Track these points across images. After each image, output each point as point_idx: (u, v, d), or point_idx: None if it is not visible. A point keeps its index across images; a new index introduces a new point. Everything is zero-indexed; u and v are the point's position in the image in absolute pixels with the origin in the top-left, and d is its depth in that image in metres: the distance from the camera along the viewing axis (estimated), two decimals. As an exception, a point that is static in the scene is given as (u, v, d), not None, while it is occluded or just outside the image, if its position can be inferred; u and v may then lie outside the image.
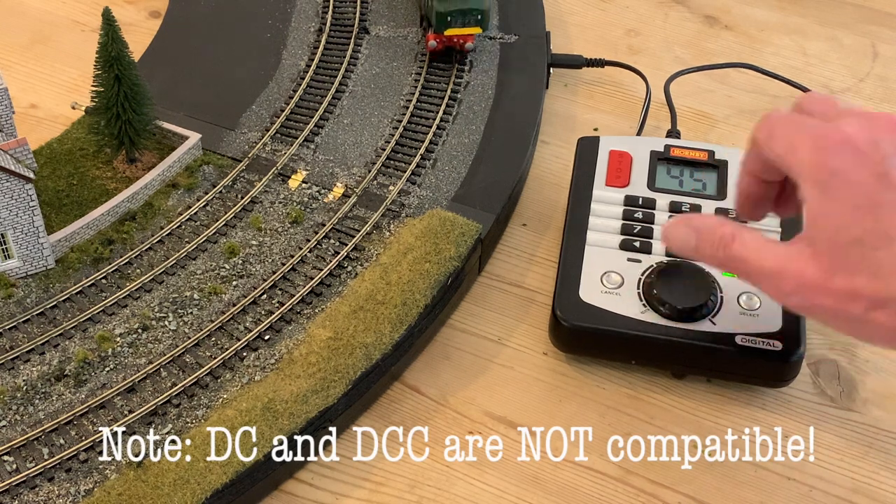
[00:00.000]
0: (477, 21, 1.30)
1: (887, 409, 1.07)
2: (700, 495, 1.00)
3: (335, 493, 0.99)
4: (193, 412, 0.99)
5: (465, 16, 1.30)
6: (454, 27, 1.31)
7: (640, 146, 1.20)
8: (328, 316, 1.07)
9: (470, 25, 1.31)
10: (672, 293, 1.05)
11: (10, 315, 1.06)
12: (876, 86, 1.44)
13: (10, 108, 1.07)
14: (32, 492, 0.93)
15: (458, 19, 1.30)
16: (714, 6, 1.56)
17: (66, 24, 1.49)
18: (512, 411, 1.06)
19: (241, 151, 1.25)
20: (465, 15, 1.30)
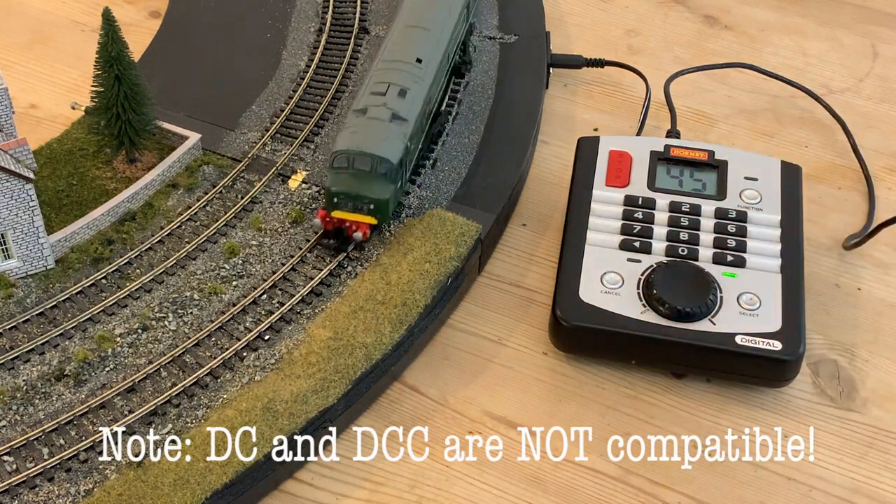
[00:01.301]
0: (370, 211, 1.10)
1: (887, 409, 1.07)
2: (700, 495, 1.00)
3: (335, 493, 1.00)
4: (193, 412, 0.99)
5: (356, 201, 1.10)
6: (343, 210, 1.11)
7: (639, 146, 1.20)
8: (328, 316, 1.07)
9: (361, 213, 1.10)
10: (672, 293, 1.05)
11: (10, 315, 1.06)
12: (876, 86, 1.44)
13: (10, 108, 1.07)
14: (32, 492, 0.93)
15: (348, 203, 1.10)
16: (714, 6, 1.56)
17: (66, 24, 1.49)
18: (512, 411, 1.06)
19: (241, 151, 1.25)
20: (355, 200, 1.10)
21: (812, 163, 1.32)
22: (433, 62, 1.19)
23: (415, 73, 1.16)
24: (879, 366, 1.11)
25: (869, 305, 1.16)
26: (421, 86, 1.16)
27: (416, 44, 1.20)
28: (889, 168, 1.32)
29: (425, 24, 1.22)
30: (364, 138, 1.11)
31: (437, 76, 1.20)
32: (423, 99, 1.16)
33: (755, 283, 1.07)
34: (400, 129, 1.12)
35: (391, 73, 1.16)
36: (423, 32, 1.21)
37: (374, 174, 1.10)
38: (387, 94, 1.14)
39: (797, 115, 1.39)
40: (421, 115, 1.15)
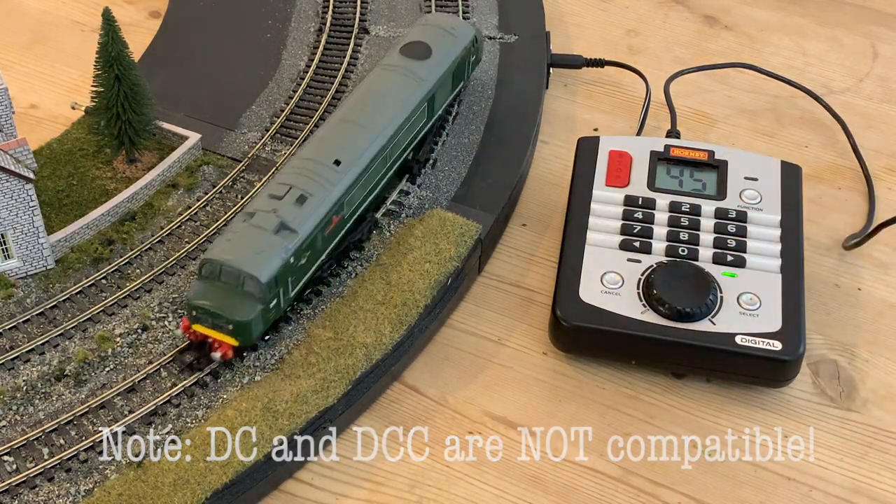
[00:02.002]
0: (230, 332, 0.99)
1: (887, 409, 1.07)
2: (700, 495, 1.00)
3: (335, 493, 1.00)
4: (193, 412, 0.99)
5: (215, 319, 0.99)
6: (203, 325, 1.01)
7: (639, 146, 1.20)
8: (328, 316, 1.07)
9: (222, 332, 1.00)
10: (672, 293, 1.05)
11: (10, 315, 1.06)
12: (876, 86, 1.44)
13: (10, 108, 1.07)
14: (32, 492, 0.93)
15: (207, 320, 1.00)
16: (714, 6, 1.56)
17: (66, 24, 1.49)
18: (512, 411, 1.06)
19: (241, 151, 1.25)
20: (214, 318, 0.99)
21: (812, 163, 1.32)
22: (359, 164, 1.08)
23: (327, 177, 1.06)
24: (879, 366, 1.11)
25: (869, 305, 1.16)
26: (330, 192, 1.05)
27: (343, 142, 1.10)
28: (889, 168, 1.32)
29: (363, 119, 1.12)
30: (236, 248, 1.00)
31: (363, 180, 1.09)
32: (331, 207, 1.05)
33: (755, 283, 1.07)
34: (283, 243, 1.00)
35: (299, 174, 1.06)
36: (357, 129, 1.11)
37: (240, 290, 0.99)
38: (284, 198, 1.03)
39: (797, 115, 1.39)
40: (323, 225, 1.04)
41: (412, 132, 1.17)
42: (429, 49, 1.20)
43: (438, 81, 1.19)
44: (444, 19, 1.26)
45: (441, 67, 1.20)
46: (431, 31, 1.23)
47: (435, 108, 1.21)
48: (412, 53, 1.19)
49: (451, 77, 1.22)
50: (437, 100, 1.20)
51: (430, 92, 1.18)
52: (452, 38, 1.23)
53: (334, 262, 1.10)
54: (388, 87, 1.16)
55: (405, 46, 1.20)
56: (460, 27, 1.25)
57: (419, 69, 1.18)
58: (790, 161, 1.19)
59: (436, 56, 1.20)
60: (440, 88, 1.20)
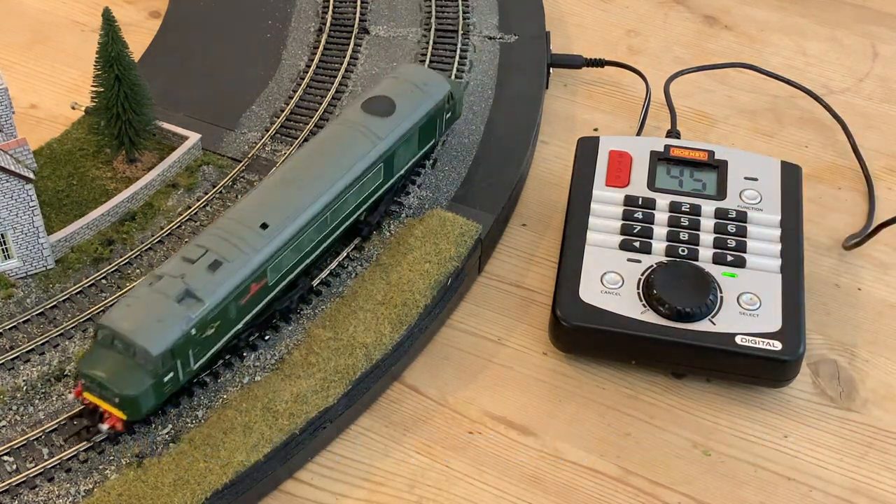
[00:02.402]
0: (116, 404, 0.93)
1: (887, 409, 1.07)
2: (700, 495, 1.00)
3: (335, 493, 1.00)
4: (193, 412, 0.99)
5: (103, 389, 0.93)
6: (92, 394, 0.94)
7: (639, 146, 1.20)
8: (328, 316, 1.07)
9: (108, 403, 0.94)
10: (672, 293, 1.05)
11: (10, 315, 1.06)
12: (876, 86, 1.44)
13: (10, 108, 1.07)
14: (32, 492, 0.93)
15: (95, 389, 0.94)
16: (714, 6, 1.56)
17: (66, 24, 1.49)
18: (512, 411, 1.06)
19: (241, 151, 1.25)
20: (101, 388, 0.93)
21: (812, 163, 1.32)
22: (290, 229, 1.02)
23: (249, 242, 0.99)
24: (879, 366, 1.11)
25: (869, 305, 1.16)
26: (250, 258, 0.98)
27: (277, 203, 1.03)
28: (889, 168, 1.32)
29: (304, 179, 1.05)
30: (133, 315, 0.94)
31: (294, 245, 1.03)
32: (249, 275, 0.98)
33: (755, 283, 1.07)
34: (185, 312, 0.94)
35: (219, 236, 0.99)
36: (295, 190, 1.04)
37: (131, 361, 0.93)
38: (196, 262, 0.97)
39: (797, 115, 1.39)
40: (237, 294, 0.98)
41: (363, 193, 1.10)
42: (392, 105, 1.13)
43: (399, 140, 1.12)
44: (418, 73, 1.18)
45: (404, 125, 1.12)
46: (399, 86, 1.15)
47: (395, 169, 1.13)
48: (373, 109, 1.12)
49: (417, 135, 1.15)
50: (397, 159, 1.13)
51: (389, 151, 1.11)
52: (421, 93, 1.15)
53: (255, 330, 1.04)
54: (339, 145, 1.09)
55: (367, 101, 1.13)
56: (433, 82, 1.17)
57: (378, 126, 1.11)
58: (790, 161, 1.19)
59: (399, 113, 1.13)
60: (402, 147, 1.13)
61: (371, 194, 1.12)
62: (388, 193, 1.15)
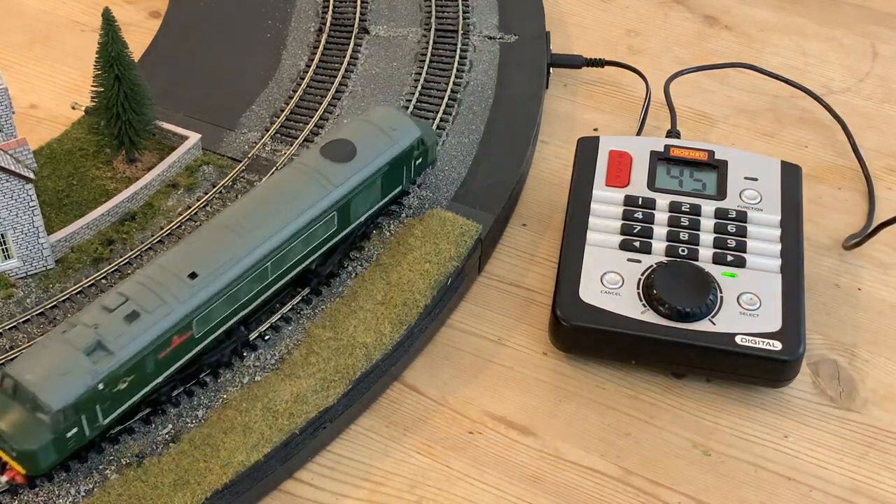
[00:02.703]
0: (15, 458, 0.89)
1: (887, 409, 1.07)
2: (700, 495, 1.00)
3: (335, 493, 1.00)
4: (193, 412, 0.99)
5: (1, 441, 0.89)
6: None
7: (639, 146, 1.20)
8: (328, 316, 1.07)
9: (8, 455, 0.90)
10: (672, 293, 1.05)
11: (10, 315, 1.06)
12: (876, 86, 1.44)
13: (10, 108, 1.07)
14: (32, 492, 0.93)
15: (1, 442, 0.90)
16: (714, 6, 1.56)
17: (66, 24, 1.49)
18: (512, 411, 1.06)
19: (241, 151, 1.25)
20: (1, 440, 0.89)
21: (812, 163, 1.32)
22: (222, 279, 0.96)
23: (174, 292, 0.94)
24: (879, 366, 1.11)
25: (869, 305, 1.16)
26: (173, 309, 0.93)
27: (210, 251, 0.98)
28: (889, 168, 1.32)
29: (244, 226, 1.00)
30: (38, 366, 0.89)
31: (227, 296, 0.97)
32: (170, 327, 0.93)
33: (755, 283, 1.07)
34: (92, 366, 0.89)
35: (143, 285, 0.94)
36: (233, 237, 0.99)
37: (32, 415, 0.88)
38: (114, 312, 0.92)
39: (797, 115, 1.39)
40: (156, 347, 0.92)
41: (312, 242, 1.05)
42: (353, 150, 1.08)
43: (357, 187, 1.06)
44: (387, 117, 1.13)
45: (363, 172, 1.07)
46: (364, 130, 1.11)
47: (352, 217, 1.08)
48: (332, 154, 1.07)
49: (380, 182, 1.10)
50: (354, 207, 1.08)
51: (344, 199, 1.05)
52: (386, 138, 1.10)
53: (179, 383, 0.99)
54: (288, 191, 1.04)
55: (327, 145, 1.08)
56: (402, 127, 1.12)
57: (333, 173, 1.05)
58: (790, 161, 1.19)
59: (359, 159, 1.07)
60: (361, 195, 1.07)
61: (322, 243, 1.06)
62: (344, 242, 1.10)
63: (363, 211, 1.10)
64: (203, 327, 0.97)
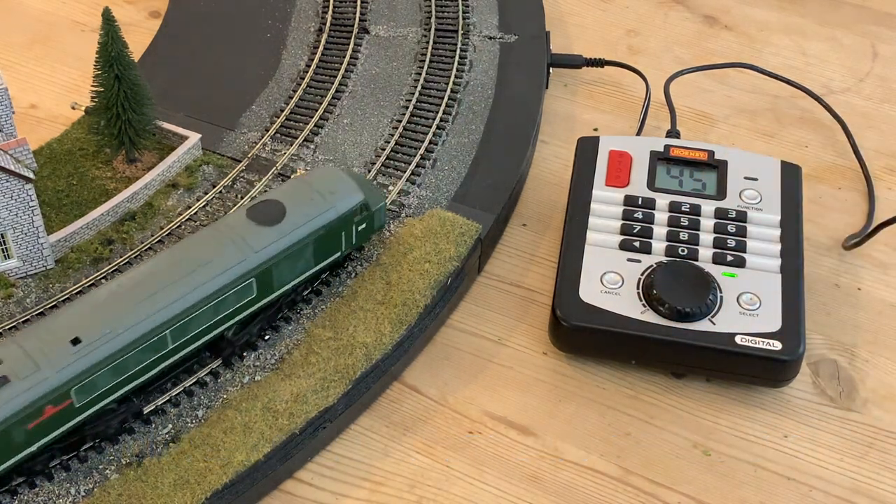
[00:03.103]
0: None
1: (887, 409, 1.07)
2: (700, 495, 1.00)
3: (335, 493, 1.00)
4: (193, 412, 0.99)
5: None
6: None
7: (639, 146, 1.20)
8: (328, 316, 1.07)
9: None
10: (672, 293, 1.05)
11: (10, 315, 1.06)
12: (876, 86, 1.44)
13: (10, 108, 1.07)
14: (32, 492, 0.93)
15: None
16: (714, 6, 1.56)
17: (66, 24, 1.49)
18: (512, 411, 1.06)
19: (241, 151, 1.25)
20: None
21: (812, 163, 1.32)
22: (107, 347, 0.90)
23: (51, 359, 0.88)
24: (879, 366, 1.11)
25: (869, 305, 1.16)
26: (46, 378, 0.87)
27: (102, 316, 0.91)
28: (889, 168, 1.32)
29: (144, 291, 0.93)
30: None
31: (115, 364, 0.91)
32: (40, 396, 0.87)
33: (755, 283, 1.07)
34: None
35: (20, 348, 0.88)
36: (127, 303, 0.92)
37: None
38: None
39: (797, 115, 1.39)
40: (23, 417, 0.86)
41: (224, 311, 0.98)
42: (282, 213, 1.01)
43: (281, 254, 1.00)
44: (328, 178, 1.06)
45: (289, 238, 1.00)
46: (299, 191, 1.04)
47: (275, 284, 1.01)
48: (258, 216, 1.01)
49: (311, 249, 1.03)
50: (278, 274, 1.01)
51: (264, 265, 0.99)
52: (322, 202, 1.03)
53: (59, 453, 0.93)
54: (201, 254, 0.97)
55: (254, 206, 1.02)
56: (343, 191, 1.05)
57: (256, 236, 0.99)
58: (790, 161, 1.19)
59: (287, 223, 1.01)
60: (286, 261, 1.01)
61: (237, 311, 1.00)
62: (266, 310, 1.04)
63: (290, 278, 1.03)
64: (85, 397, 0.90)
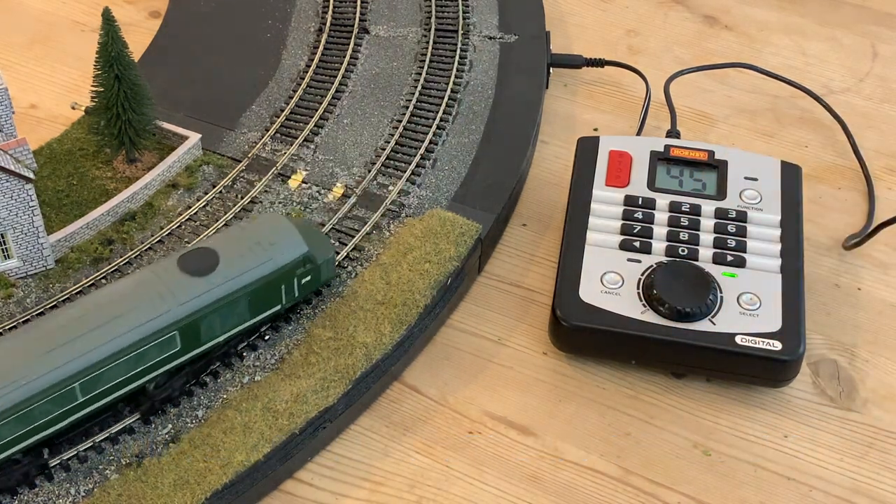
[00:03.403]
0: None
1: (887, 409, 1.07)
2: (700, 495, 1.00)
3: (335, 493, 1.00)
4: (193, 412, 0.99)
5: None
6: None
7: (639, 146, 1.20)
8: (328, 316, 1.07)
9: None
10: (672, 293, 1.05)
11: (10, 315, 1.06)
12: (875, 86, 1.44)
13: (10, 108, 1.07)
14: (32, 492, 0.93)
15: None
16: (714, 6, 1.56)
17: (66, 24, 1.49)
18: (512, 411, 1.06)
19: (241, 151, 1.25)
20: None
21: (812, 163, 1.32)
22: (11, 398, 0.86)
23: None
24: (879, 366, 1.11)
25: (869, 305, 1.16)
26: None
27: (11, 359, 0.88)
28: (889, 168, 1.32)
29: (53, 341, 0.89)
30: None
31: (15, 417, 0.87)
32: None
33: (755, 283, 1.07)
34: None
35: None
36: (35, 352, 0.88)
37: None
38: None
39: (797, 115, 1.39)
40: None
41: (143, 363, 0.94)
42: (214, 263, 0.96)
43: (210, 306, 0.95)
44: (271, 228, 1.01)
45: (219, 290, 0.95)
46: (237, 240, 0.99)
47: (203, 338, 0.96)
48: (188, 265, 0.95)
49: (247, 301, 0.98)
50: (206, 327, 0.96)
51: (189, 318, 0.94)
52: (261, 253, 0.98)
53: None
54: (121, 304, 0.92)
55: (186, 254, 0.96)
56: (286, 242, 1.00)
57: (182, 288, 0.94)
58: (790, 161, 1.19)
59: (219, 274, 0.95)
60: (216, 314, 0.96)
61: (159, 364, 0.95)
62: (195, 363, 0.99)
63: (221, 331, 0.98)
64: None
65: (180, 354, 0.96)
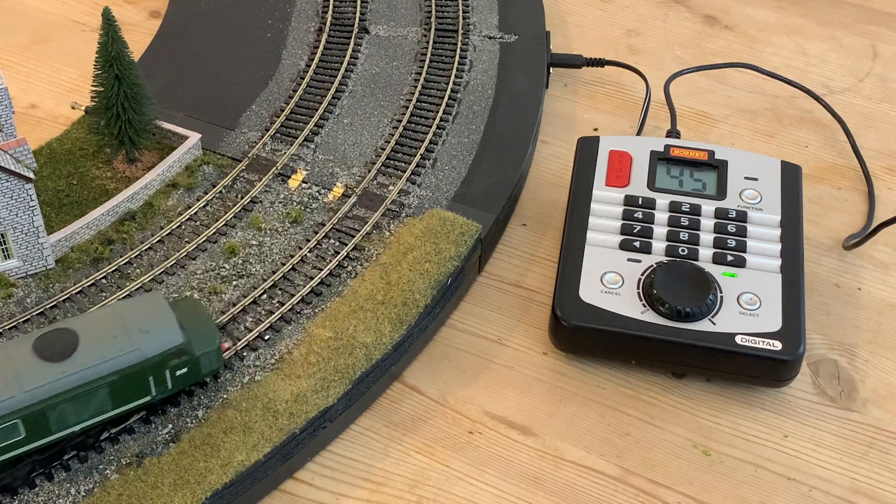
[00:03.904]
0: None
1: (887, 409, 1.07)
2: (700, 495, 1.00)
3: (335, 493, 1.00)
4: (193, 412, 0.99)
5: None
6: None
7: (640, 146, 1.20)
8: (328, 316, 1.07)
9: None
10: (672, 293, 1.05)
11: (10, 315, 1.06)
12: (876, 86, 1.44)
13: (10, 108, 1.07)
14: (32, 492, 0.93)
15: None
16: (714, 6, 1.56)
17: (66, 24, 1.49)
18: (512, 411, 1.06)
19: (241, 151, 1.25)
20: None
21: (812, 163, 1.32)
22: None
23: None
24: (879, 366, 1.11)
25: (869, 305, 1.16)
26: None
27: None
28: (889, 168, 1.32)
29: None
30: None
31: None
32: None
33: (755, 283, 1.07)
34: None
35: None
36: None
37: None
38: None
39: (797, 115, 1.39)
40: None
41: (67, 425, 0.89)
42: (72, 348, 0.88)
43: (57, 396, 0.87)
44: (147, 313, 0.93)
45: (71, 379, 0.88)
46: (103, 324, 0.91)
47: (53, 427, 0.89)
48: (44, 349, 0.88)
49: (108, 391, 0.90)
50: (56, 417, 0.89)
51: (34, 407, 0.87)
52: (127, 341, 0.90)
53: None
54: None
55: (43, 336, 0.89)
56: (161, 330, 0.92)
57: (30, 373, 0.87)
58: (790, 161, 1.19)
59: (73, 362, 0.88)
60: (68, 404, 0.88)
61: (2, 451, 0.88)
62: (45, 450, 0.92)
63: (76, 420, 0.90)
64: None
65: (24, 443, 0.89)
